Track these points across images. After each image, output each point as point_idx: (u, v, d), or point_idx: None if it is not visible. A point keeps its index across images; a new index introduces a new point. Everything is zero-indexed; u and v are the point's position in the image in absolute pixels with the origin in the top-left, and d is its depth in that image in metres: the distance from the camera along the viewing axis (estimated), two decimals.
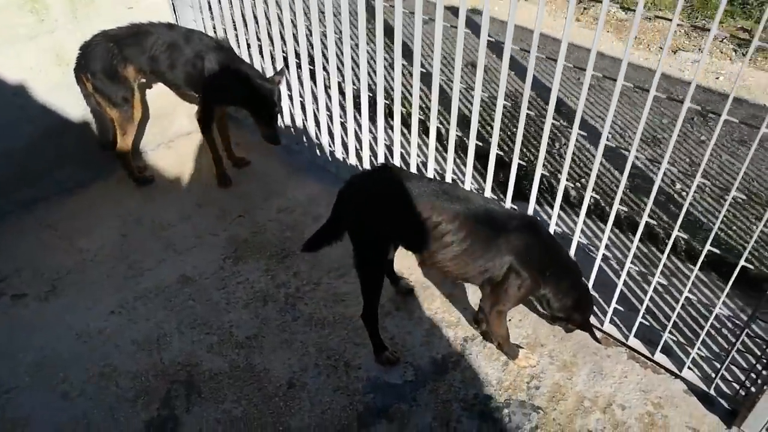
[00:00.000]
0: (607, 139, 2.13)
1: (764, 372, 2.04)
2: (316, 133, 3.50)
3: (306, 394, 2.37)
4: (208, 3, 3.44)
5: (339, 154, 3.42)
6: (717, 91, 4.38)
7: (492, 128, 2.49)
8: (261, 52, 3.40)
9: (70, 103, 3.25)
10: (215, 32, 3.54)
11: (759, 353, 2.19)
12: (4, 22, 2.90)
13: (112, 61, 3.06)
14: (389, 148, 3.19)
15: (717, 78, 4.61)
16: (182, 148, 3.74)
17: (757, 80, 4.63)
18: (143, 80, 3.27)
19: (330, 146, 3.44)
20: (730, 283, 1.99)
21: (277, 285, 2.82)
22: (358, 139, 3.28)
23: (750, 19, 5.28)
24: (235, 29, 3.40)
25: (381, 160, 3.22)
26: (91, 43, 3.08)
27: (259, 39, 3.31)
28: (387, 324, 2.62)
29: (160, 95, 3.57)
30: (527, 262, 2.16)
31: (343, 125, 3.26)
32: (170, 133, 3.78)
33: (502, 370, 2.43)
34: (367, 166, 3.25)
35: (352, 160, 3.36)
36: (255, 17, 3.20)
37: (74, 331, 2.61)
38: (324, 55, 3.04)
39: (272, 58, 3.36)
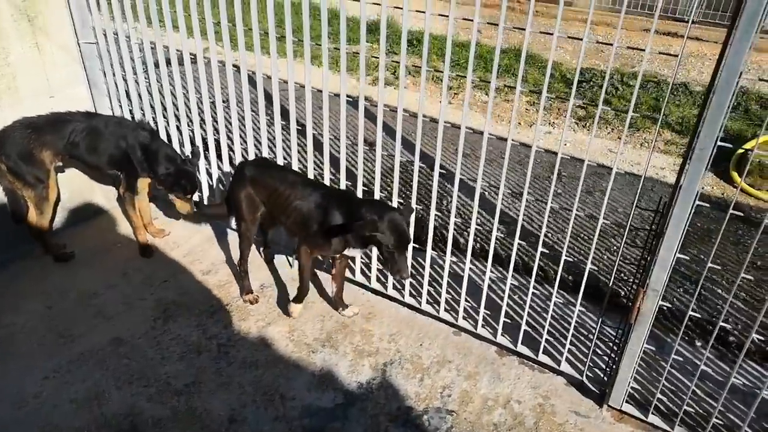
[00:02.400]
0: (486, 195, 2.71)
1: (615, 357, 2.60)
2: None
3: (247, 426, 2.60)
4: (117, 92, 3.80)
5: None
6: (567, 155, 5.30)
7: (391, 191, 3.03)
8: (178, 132, 3.77)
9: None
10: (132, 117, 3.87)
11: (611, 345, 2.76)
12: None
13: (28, 145, 3.28)
14: None
15: (565, 144, 5.58)
16: (102, 225, 3.92)
17: (593, 146, 5.67)
18: (60, 164, 3.48)
19: None
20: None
21: (209, 337, 3.06)
22: None
23: (584, 98, 6.45)
24: (143, 114, 3.78)
25: None
26: (8, 128, 3.30)
27: (167, 121, 3.69)
28: (315, 359, 2.94)
29: (77, 176, 3.78)
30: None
31: None
32: (89, 211, 3.96)
33: (419, 385, 2.82)
34: None
35: None
36: (163, 105, 3.62)
37: (10, 400, 2.66)
38: (229, 137, 3.49)
39: (185, 138, 3.74)
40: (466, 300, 3.06)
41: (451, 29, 2.46)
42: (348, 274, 3.44)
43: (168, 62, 3.45)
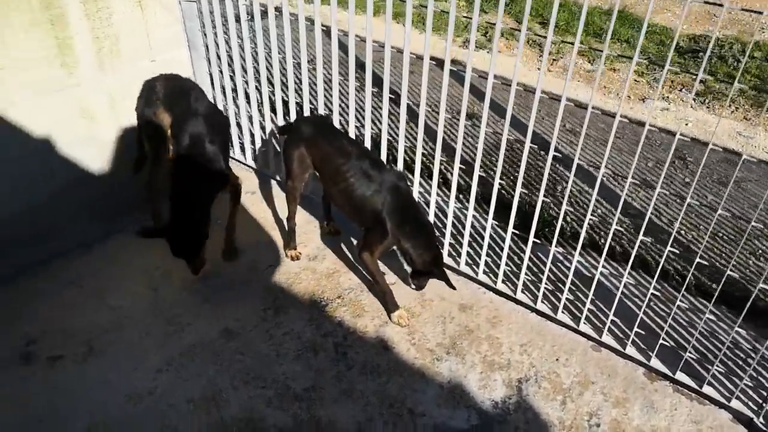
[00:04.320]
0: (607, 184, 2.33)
1: None
2: None
3: None
4: (218, 56, 3.52)
5: None
6: (689, 136, 4.79)
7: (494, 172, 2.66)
8: (271, 102, 3.48)
9: (92, 156, 3.20)
10: (233, 83, 3.59)
11: None
12: (35, 76, 2.84)
13: (154, 101, 3.13)
14: None
15: (687, 124, 5.04)
16: None
17: (720, 126, 5.10)
18: None
19: None
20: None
21: (323, 334, 2.83)
22: None
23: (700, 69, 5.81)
24: (246, 81, 3.51)
25: None
26: (150, 81, 3.21)
27: (258, 89, 3.39)
28: (441, 369, 2.68)
29: None
30: (390, 215, 2.74)
31: None
32: None
33: (560, 409, 2.53)
34: None
35: None
36: (267, 70, 3.32)
37: (122, 393, 2.51)
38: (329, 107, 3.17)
39: (275, 107, 3.44)
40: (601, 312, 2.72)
41: None
42: (467, 270, 3.14)
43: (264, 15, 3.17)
